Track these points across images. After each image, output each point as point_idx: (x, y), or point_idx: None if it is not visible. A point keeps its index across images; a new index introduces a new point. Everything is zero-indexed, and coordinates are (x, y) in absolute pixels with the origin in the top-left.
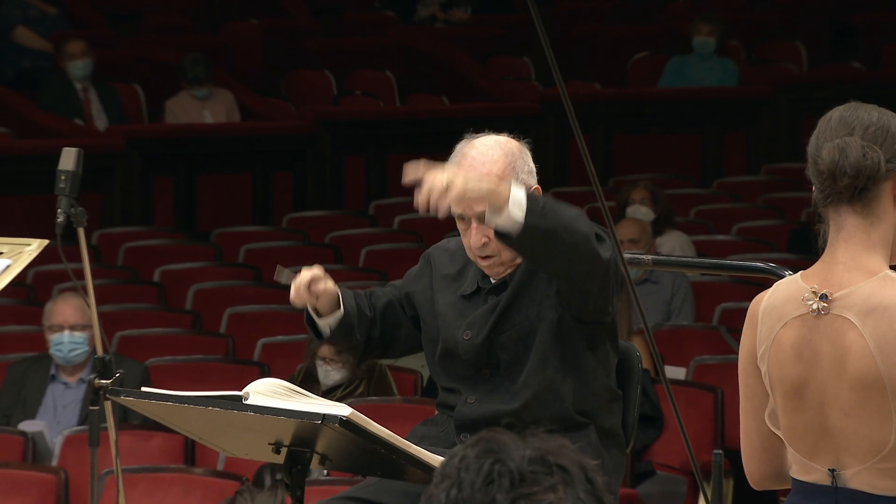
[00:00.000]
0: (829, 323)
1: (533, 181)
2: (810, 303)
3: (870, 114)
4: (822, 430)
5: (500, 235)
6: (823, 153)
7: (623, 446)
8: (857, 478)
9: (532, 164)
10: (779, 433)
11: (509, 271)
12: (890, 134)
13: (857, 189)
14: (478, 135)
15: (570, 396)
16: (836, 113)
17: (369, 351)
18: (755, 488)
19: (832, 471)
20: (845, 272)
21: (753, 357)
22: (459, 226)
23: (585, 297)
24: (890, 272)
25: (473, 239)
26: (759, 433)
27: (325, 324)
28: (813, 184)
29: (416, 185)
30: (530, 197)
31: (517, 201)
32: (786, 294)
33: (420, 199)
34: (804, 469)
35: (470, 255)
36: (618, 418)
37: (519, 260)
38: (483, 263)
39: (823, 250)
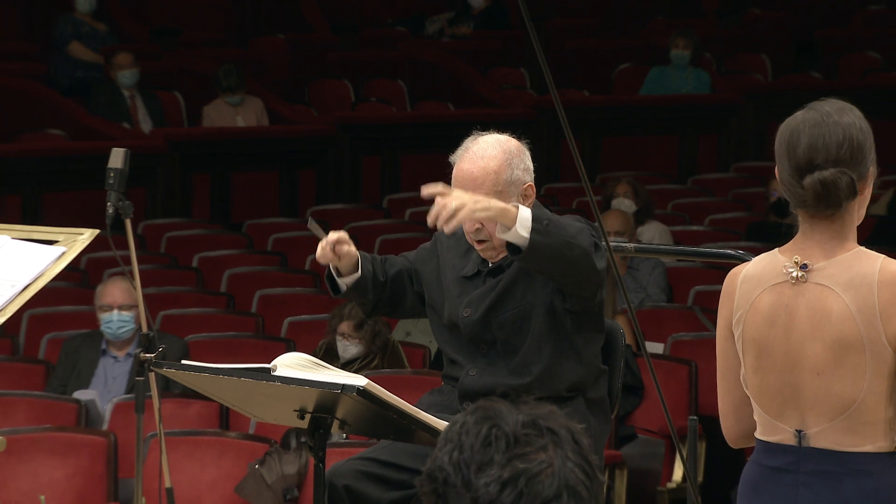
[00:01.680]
0: (808, 290)
1: (528, 178)
2: (791, 271)
3: (832, 131)
4: (792, 390)
5: (510, 248)
6: (806, 184)
7: (608, 413)
8: (822, 436)
9: (529, 163)
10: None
11: (503, 255)
12: (857, 151)
13: (836, 212)
14: (484, 133)
15: (566, 376)
16: (802, 131)
17: (377, 309)
18: (732, 446)
19: (798, 431)
20: (821, 248)
21: (730, 323)
22: None
23: (582, 298)
24: (861, 247)
25: (468, 224)
26: (732, 395)
27: (343, 282)
28: (782, 184)
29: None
30: (535, 217)
31: (523, 221)
32: (763, 265)
33: (430, 216)
34: (770, 429)
35: (468, 238)
36: (604, 390)
37: None
38: (478, 247)
39: (787, 236)
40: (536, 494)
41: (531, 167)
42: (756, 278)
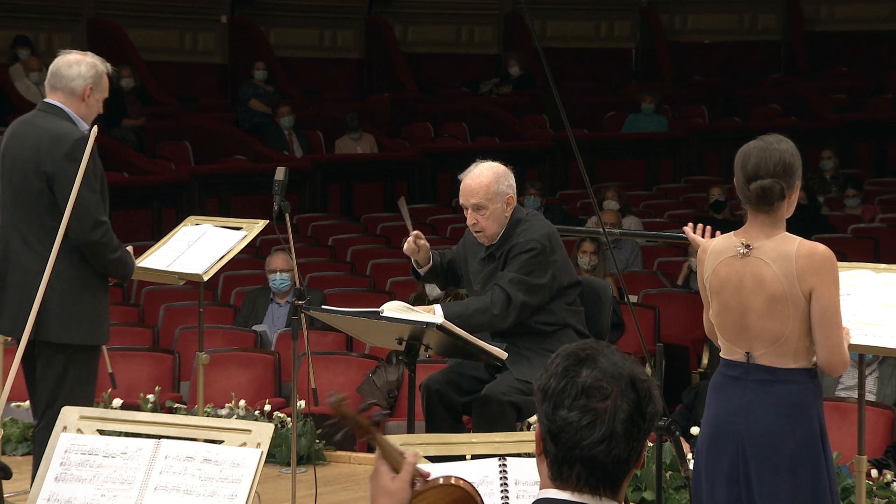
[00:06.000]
0: (750, 262)
1: (511, 191)
2: (739, 249)
3: (771, 154)
4: (742, 328)
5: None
6: (751, 188)
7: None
8: (763, 357)
9: (512, 182)
10: (713, 325)
11: (494, 242)
12: (787, 169)
13: (770, 208)
14: (484, 160)
15: (548, 318)
16: (752, 153)
17: (447, 285)
18: (708, 336)
19: (747, 353)
20: (760, 233)
21: (702, 279)
22: (464, 212)
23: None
24: (786, 233)
25: (469, 220)
26: (708, 319)
27: (421, 271)
28: (737, 189)
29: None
30: (447, 315)
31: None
32: (721, 244)
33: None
34: (729, 351)
35: (471, 229)
36: (583, 324)
37: (498, 236)
38: (477, 235)
39: (721, 227)
40: (593, 430)
41: (514, 185)
42: (717, 252)
